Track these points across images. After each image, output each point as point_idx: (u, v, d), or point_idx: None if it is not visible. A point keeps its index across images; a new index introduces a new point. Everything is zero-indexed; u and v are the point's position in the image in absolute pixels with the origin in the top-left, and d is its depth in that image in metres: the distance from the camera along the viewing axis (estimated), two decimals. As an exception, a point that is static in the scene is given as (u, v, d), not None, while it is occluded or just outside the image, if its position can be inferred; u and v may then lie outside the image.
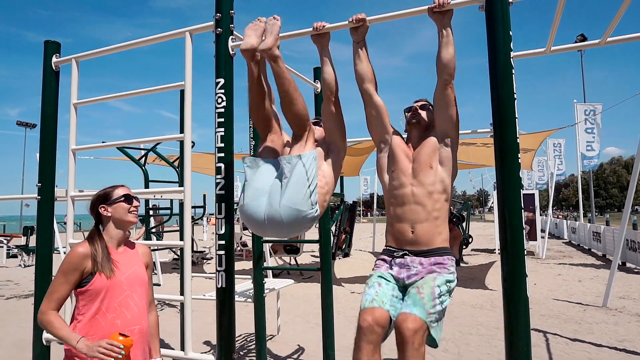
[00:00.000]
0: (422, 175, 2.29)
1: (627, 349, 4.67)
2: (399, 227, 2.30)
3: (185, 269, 2.61)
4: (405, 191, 2.31)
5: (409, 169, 2.34)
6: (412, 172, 2.33)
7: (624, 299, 7.13)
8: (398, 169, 2.36)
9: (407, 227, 2.27)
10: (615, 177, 56.45)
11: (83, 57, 3.07)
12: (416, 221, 2.26)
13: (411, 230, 2.26)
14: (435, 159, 2.32)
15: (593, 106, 15.66)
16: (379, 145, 2.50)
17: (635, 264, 10.42)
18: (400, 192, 2.32)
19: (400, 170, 2.35)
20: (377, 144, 2.51)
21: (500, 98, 2.06)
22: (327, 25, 2.45)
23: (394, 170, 2.38)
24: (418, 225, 2.25)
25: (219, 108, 2.58)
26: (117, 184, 2.17)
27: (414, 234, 2.26)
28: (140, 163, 6.12)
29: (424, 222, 2.25)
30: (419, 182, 2.29)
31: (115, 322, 1.97)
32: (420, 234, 2.25)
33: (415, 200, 2.27)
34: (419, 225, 2.25)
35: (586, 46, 3.11)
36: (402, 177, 2.33)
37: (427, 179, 2.29)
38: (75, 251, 1.96)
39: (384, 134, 2.47)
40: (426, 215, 2.25)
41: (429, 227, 2.25)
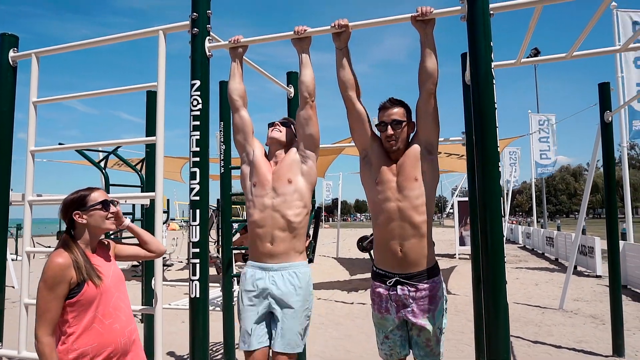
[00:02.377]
0: (407, 190, 2.28)
1: (585, 349, 4.87)
2: (388, 246, 2.31)
3: (157, 278, 2.49)
4: (391, 206, 2.30)
5: (394, 182, 2.32)
6: (397, 187, 2.31)
7: (578, 301, 7.46)
8: (382, 181, 2.34)
9: (396, 245, 2.29)
10: (564, 185, 59.46)
11: (45, 52, 2.90)
12: (404, 238, 2.27)
13: (400, 248, 2.27)
14: (419, 169, 2.31)
15: (547, 116, 16.43)
16: (361, 153, 2.49)
17: (585, 267, 10.96)
18: (386, 207, 2.31)
19: (384, 183, 2.33)
20: (360, 152, 2.50)
21: (482, 108, 2.09)
22: (308, 29, 2.42)
23: (378, 183, 2.36)
24: (406, 242, 2.27)
25: (194, 111, 2.50)
26: (92, 187, 2.03)
27: (403, 252, 2.27)
28: (100, 166, 5.84)
29: (411, 239, 2.27)
30: (405, 196, 2.28)
31: (113, 327, 1.91)
32: (408, 253, 2.27)
33: (402, 216, 2.27)
34: (407, 242, 2.27)
35: (554, 59, 3.23)
36: (388, 191, 2.32)
37: (412, 192, 2.28)
38: (56, 262, 1.82)
39: (366, 141, 2.45)
40: (413, 231, 2.26)
41: (417, 245, 2.27)
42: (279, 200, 2.38)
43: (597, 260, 10.26)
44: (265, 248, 2.37)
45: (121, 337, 1.93)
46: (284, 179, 2.41)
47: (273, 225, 2.36)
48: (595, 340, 5.21)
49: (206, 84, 2.53)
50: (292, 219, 2.37)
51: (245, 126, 2.55)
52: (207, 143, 2.51)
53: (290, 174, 2.43)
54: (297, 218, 2.39)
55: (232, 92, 2.56)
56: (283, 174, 2.43)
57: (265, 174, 2.45)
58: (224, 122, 4.18)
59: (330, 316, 6.69)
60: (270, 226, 2.36)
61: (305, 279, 2.41)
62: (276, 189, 2.41)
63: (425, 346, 2.30)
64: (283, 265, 2.36)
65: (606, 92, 4.77)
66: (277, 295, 2.33)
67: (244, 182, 2.53)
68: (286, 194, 2.39)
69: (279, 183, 2.41)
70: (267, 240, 2.37)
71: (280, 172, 2.44)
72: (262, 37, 2.56)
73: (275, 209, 2.37)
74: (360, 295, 8.38)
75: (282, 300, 2.33)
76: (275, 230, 2.36)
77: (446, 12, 2.22)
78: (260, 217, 2.39)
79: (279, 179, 2.42)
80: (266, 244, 2.37)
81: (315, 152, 2.51)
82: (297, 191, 2.41)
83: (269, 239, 2.37)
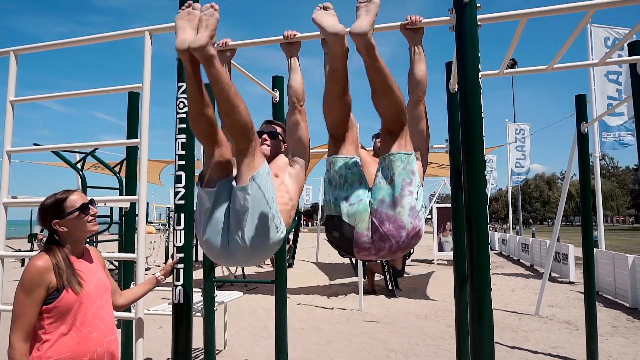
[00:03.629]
0: None
1: (560, 355, 4.98)
2: None
3: (139, 282, 2.42)
4: None
5: None
6: None
7: (552, 307, 7.63)
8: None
9: None
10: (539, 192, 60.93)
11: (24, 50, 2.81)
12: None
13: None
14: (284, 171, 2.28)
15: (523, 126, 16.83)
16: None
17: (559, 273, 11.22)
18: None
19: None
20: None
21: (469, 116, 2.11)
22: (298, 34, 2.42)
23: None
24: None
25: (180, 113, 2.46)
26: (69, 189, 1.97)
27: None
28: (77, 168, 5.70)
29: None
30: None
31: (91, 336, 1.84)
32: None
33: None
34: None
35: (535, 71, 3.30)
36: None
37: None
38: (35, 265, 1.76)
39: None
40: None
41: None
42: None
43: (571, 267, 10.52)
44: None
45: (98, 347, 1.86)
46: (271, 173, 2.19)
47: None
48: (570, 345, 5.33)
49: (193, 86, 2.49)
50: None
51: None
52: (193, 146, 2.48)
53: (277, 171, 2.30)
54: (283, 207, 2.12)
55: None
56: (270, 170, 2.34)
57: None
58: (208, 125, 4.12)
59: (311, 322, 6.66)
60: None
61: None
62: None
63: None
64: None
65: (582, 104, 4.92)
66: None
67: None
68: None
69: None
70: None
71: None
72: (250, 40, 2.54)
73: None
74: (341, 300, 8.37)
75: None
76: None
77: (435, 21, 2.25)
78: None
79: None
80: None
81: (304, 157, 2.44)
82: (284, 185, 2.26)
83: None
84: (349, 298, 8.54)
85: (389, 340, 5.58)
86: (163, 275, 2.36)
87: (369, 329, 6.21)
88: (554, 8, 2.25)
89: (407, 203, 1.96)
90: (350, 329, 6.22)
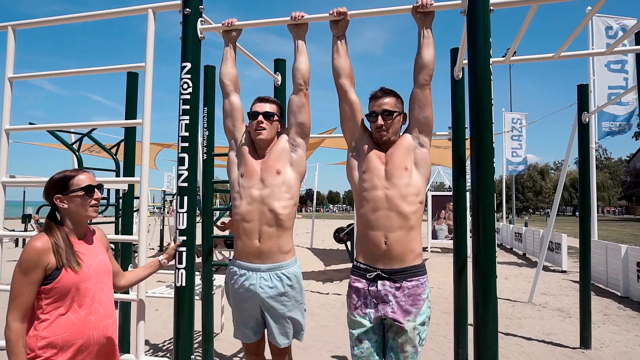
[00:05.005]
0: (396, 178, 2.21)
1: (554, 341, 5.05)
2: (372, 237, 2.20)
3: (141, 265, 2.40)
4: (378, 194, 2.21)
5: (382, 170, 2.25)
6: (385, 174, 2.24)
7: (545, 295, 7.72)
8: (370, 169, 2.26)
9: (380, 236, 2.18)
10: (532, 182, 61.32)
11: (23, 25, 2.75)
12: (389, 229, 2.17)
13: (384, 240, 2.17)
14: (411, 159, 2.26)
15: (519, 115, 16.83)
16: (350, 144, 2.42)
17: (552, 262, 11.34)
18: (372, 195, 2.22)
19: (372, 171, 2.26)
20: (348, 143, 2.43)
21: (479, 103, 2.09)
22: (305, 15, 2.37)
23: (365, 171, 2.28)
24: (391, 234, 2.16)
25: (184, 94, 2.42)
26: (79, 169, 1.93)
27: (387, 245, 2.17)
28: (74, 149, 5.63)
29: (397, 231, 2.16)
30: (393, 184, 2.20)
31: (89, 319, 1.82)
32: (393, 245, 2.16)
33: (389, 205, 2.18)
34: (393, 234, 2.16)
35: (541, 59, 3.28)
36: (375, 179, 2.24)
37: (401, 181, 2.20)
38: (33, 246, 1.73)
39: (356, 132, 2.40)
40: (400, 222, 2.17)
41: (403, 238, 2.17)
42: (266, 192, 2.33)
43: (564, 256, 10.64)
44: (253, 246, 2.32)
45: (95, 330, 1.84)
46: (273, 170, 2.36)
47: (260, 219, 2.31)
48: (562, 332, 5.41)
49: (197, 67, 2.44)
50: (280, 212, 2.31)
51: (234, 112, 2.48)
52: (196, 128, 2.43)
53: (279, 165, 2.37)
54: (284, 210, 2.33)
55: (223, 76, 2.48)
56: (272, 164, 2.37)
57: (254, 164, 2.39)
58: (208, 108, 4.07)
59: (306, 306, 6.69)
60: (258, 221, 2.31)
61: (295, 278, 2.39)
62: (264, 180, 2.35)
63: (400, 351, 2.14)
64: (271, 267, 2.33)
65: (584, 94, 4.91)
66: (267, 299, 2.32)
67: (231, 171, 2.46)
68: (274, 186, 2.34)
69: (267, 174, 2.35)
70: (255, 237, 2.32)
71: (269, 162, 2.38)
72: (257, 21, 2.49)
73: (262, 201, 2.32)
74: (335, 285, 8.42)
75: (272, 304, 2.33)
76: (263, 225, 2.31)
77: (446, 5, 2.21)
78: (247, 209, 2.33)
79: (267, 170, 2.36)
80: (254, 241, 2.32)
81: (305, 140, 2.46)
82: (286, 183, 2.36)
83: (256, 235, 2.31)
84: (343, 284, 8.59)
85: (384, 326, 5.63)
86: (166, 259, 2.34)
87: (365, 314, 6.25)
88: (567, -6, 2.21)
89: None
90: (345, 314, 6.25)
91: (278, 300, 2.33)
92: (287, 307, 2.35)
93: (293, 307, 2.38)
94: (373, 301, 2.18)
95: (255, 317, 2.39)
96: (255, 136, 2.40)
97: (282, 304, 2.34)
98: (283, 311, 2.34)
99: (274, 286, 2.32)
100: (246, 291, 2.33)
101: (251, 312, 2.38)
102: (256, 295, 2.32)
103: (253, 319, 2.39)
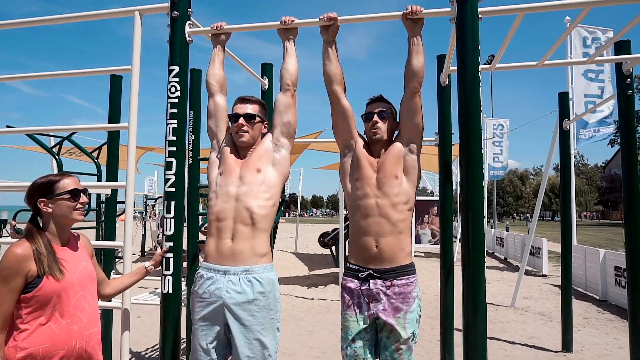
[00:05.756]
0: (387, 187, 2.26)
1: (536, 345, 5.12)
2: (363, 242, 2.25)
3: (126, 272, 2.35)
4: (370, 202, 2.26)
5: (374, 179, 2.30)
6: (376, 183, 2.29)
7: (527, 299, 7.83)
8: (362, 177, 2.31)
9: (372, 241, 2.23)
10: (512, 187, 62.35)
11: (5, 25, 2.67)
12: (380, 234, 2.22)
13: (375, 244, 2.22)
14: (400, 167, 2.30)
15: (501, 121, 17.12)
16: (343, 150, 2.44)
17: (532, 267, 11.53)
18: (364, 203, 2.28)
19: (364, 180, 2.30)
20: (341, 149, 2.45)
21: (468, 109, 2.11)
22: (295, 20, 2.37)
23: (357, 179, 2.33)
24: (382, 239, 2.21)
25: (171, 98, 2.38)
26: (64, 173, 1.89)
27: (378, 248, 2.22)
28: (54, 152, 5.49)
29: (388, 236, 2.21)
30: (384, 193, 2.26)
31: (71, 328, 1.75)
32: (384, 249, 2.21)
33: (380, 213, 2.24)
34: (384, 239, 2.21)
35: (525, 66, 3.34)
36: (367, 187, 2.29)
37: (391, 190, 2.26)
38: (13, 253, 1.67)
39: (349, 139, 2.41)
40: (391, 228, 2.22)
41: (393, 241, 2.22)
42: (244, 189, 2.19)
43: (544, 260, 10.82)
44: (225, 246, 2.13)
45: (77, 340, 1.78)
46: (253, 167, 2.25)
47: (235, 217, 2.15)
48: (545, 336, 5.49)
49: (185, 70, 2.41)
50: (255, 211, 2.15)
51: (218, 112, 2.40)
52: (184, 132, 2.40)
53: (260, 164, 2.27)
54: (260, 210, 2.17)
55: (210, 77, 2.43)
56: (252, 162, 2.27)
57: (233, 163, 2.28)
58: (194, 111, 4.03)
59: (291, 312, 6.66)
60: (232, 219, 2.15)
61: (268, 285, 2.13)
62: (243, 177, 2.23)
63: (395, 350, 2.18)
64: (242, 269, 2.10)
65: (565, 101, 5.02)
66: (232, 306, 2.05)
67: (211, 171, 2.33)
68: (252, 183, 2.21)
69: (247, 172, 2.24)
70: (227, 236, 2.14)
71: (249, 161, 2.28)
72: (246, 25, 2.48)
73: (238, 198, 2.17)
74: (320, 290, 8.40)
75: (238, 313, 2.05)
76: (238, 224, 2.14)
77: (435, 12, 2.24)
78: (222, 207, 2.17)
79: (247, 168, 2.25)
80: (226, 240, 2.13)
81: (290, 141, 2.37)
82: (265, 182, 2.24)
83: (229, 234, 2.14)
84: (328, 288, 8.58)
85: (370, 331, 5.63)
86: (153, 266, 2.29)
87: (350, 319, 6.24)
88: (553, 4, 2.27)
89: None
90: (331, 319, 6.25)
91: (246, 309, 2.06)
92: (255, 318, 2.06)
93: (263, 322, 2.08)
94: (365, 300, 2.23)
95: (217, 332, 2.09)
96: (236, 139, 2.32)
97: (250, 313, 2.06)
98: (250, 324, 2.05)
99: (242, 291, 2.07)
100: (210, 296, 2.09)
101: (214, 324, 2.09)
102: (221, 300, 2.06)
103: (215, 335, 2.09)
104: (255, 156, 2.31)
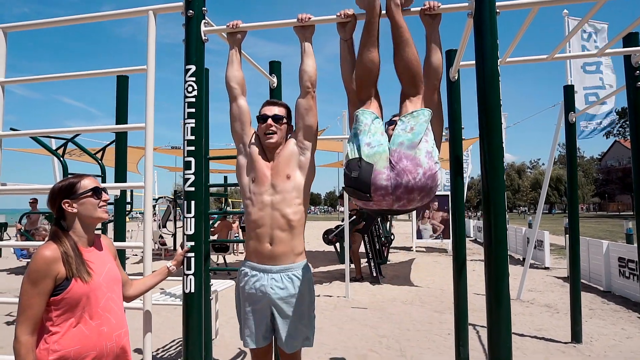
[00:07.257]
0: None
1: (545, 337, 5.15)
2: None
3: (147, 273, 2.35)
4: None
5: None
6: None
7: (532, 291, 7.88)
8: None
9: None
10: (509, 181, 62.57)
11: (15, 27, 2.66)
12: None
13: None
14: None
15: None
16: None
17: (535, 259, 11.57)
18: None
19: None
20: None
21: (488, 104, 2.11)
22: (312, 17, 2.36)
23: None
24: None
25: (189, 97, 2.38)
26: (81, 174, 1.89)
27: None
28: (58, 154, 5.48)
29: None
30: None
31: (101, 329, 1.76)
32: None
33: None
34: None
35: (536, 60, 3.35)
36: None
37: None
38: (41, 256, 1.67)
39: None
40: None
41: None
42: (278, 198, 2.33)
43: (546, 253, 10.88)
44: (265, 249, 2.33)
45: (108, 341, 1.80)
46: (283, 174, 2.36)
47: (272, 224, 2.32)
48: (553, 328, 5.52)
49: (201, 69, 2.41)
50: (291, 217, 2.33)
51: (242, 115, 2.46)
52: (202, 131, 2.40)
53: (288, 170, 2.37)
54: (295, 216, 2.35)
55: (229, 79, 2.46)
56: (282, 169, 2.37)
57: (264, 169, 2.38)
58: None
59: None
60: (270, 226, 2.32)
61: (306, 281, 2.39)
62: (275, 185, 2.35)
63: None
64: (282, 268, 2.33)
65: (570, 94, 5.03)
66: (277, 300, 2.31)
67: (241, 176, 2.45)
68: (285, 192, 2.34)
69: (278, 179, 2.35)
70: (266, 240, 2.33)
71: (278, 167, 2.37)
72: (262, 23, 2.47)
73: (274, 207, 2.33)
74: (326, 287, 8.41)
75: (282, 306, 2.32)
76: (275, 230, 2.32)
77: (453, 7, 2.23)
78: (259, 215, 2.33)
79: (277, 175, 2.36)
80: (265, 244, 2.33)
81: (313, 142, 2.45)
82: (296, 188, 2.37)
83: (267, 239, 2.33)
84: (333, 285, 8.60)
85: (379, 326, 5.65)
86: (175, 266, 2.29)
87: (358, 315, 6.26)
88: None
89: (424, 147, 2.02)
90: (338, 315, 6.27)
91: (288, 302, 2.32)
92: (296, 309, 2.34)
93: (303, 311, 2.36)
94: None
95: (264, 321, 2.36)
96: (265, 140, 2.39)
97: (292, 306, 2.33)
98: (293, 313, 2.33)
99: (285, 287, 2.32)
100: (257, 292, 2.32)
101: (261, 314, 2.35)
102: (267, 296, 2.31)
103: (263, 323, 2.36)
104: (283, 160, 2.39)
